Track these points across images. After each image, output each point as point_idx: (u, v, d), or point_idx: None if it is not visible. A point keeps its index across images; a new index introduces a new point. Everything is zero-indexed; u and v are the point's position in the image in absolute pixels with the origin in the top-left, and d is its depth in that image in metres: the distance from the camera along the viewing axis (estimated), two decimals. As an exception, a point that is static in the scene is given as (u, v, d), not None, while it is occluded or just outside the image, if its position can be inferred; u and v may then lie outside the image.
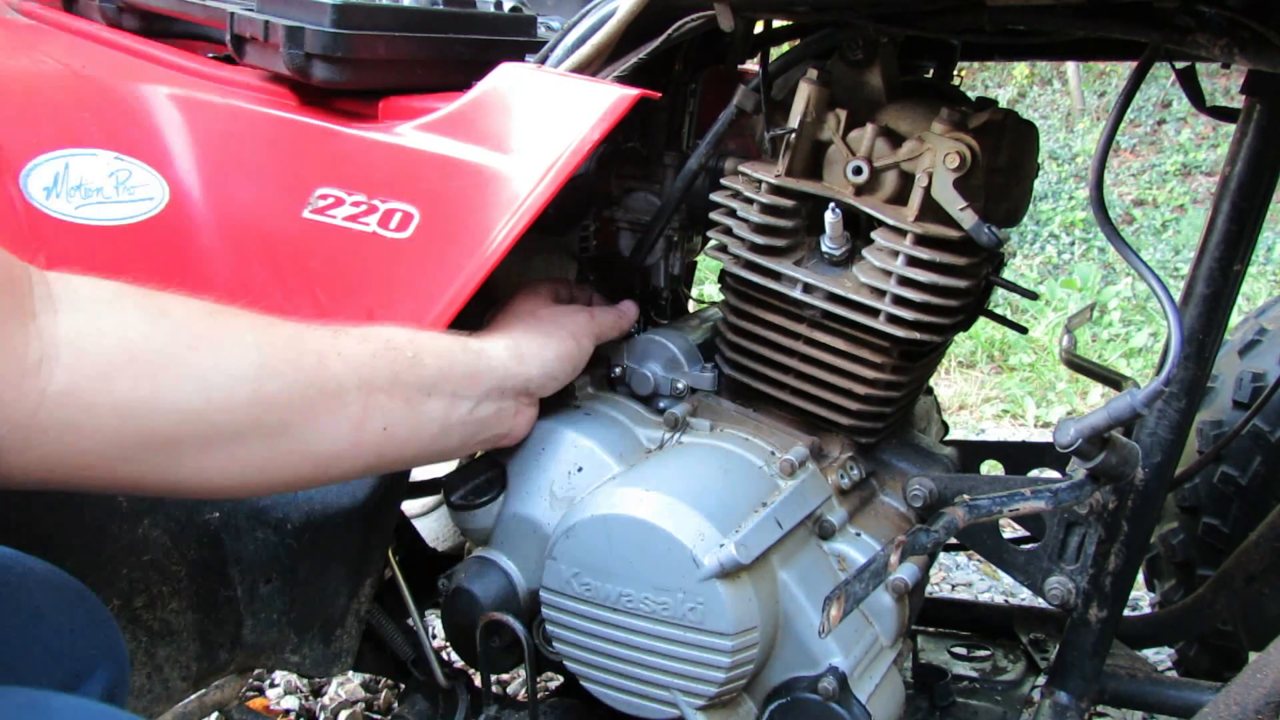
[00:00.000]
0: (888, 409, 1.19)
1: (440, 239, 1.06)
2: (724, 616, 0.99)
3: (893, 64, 1.15)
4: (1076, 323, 1.42)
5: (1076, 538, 1.21)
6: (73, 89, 1.09)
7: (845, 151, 1.11)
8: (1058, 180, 6.07)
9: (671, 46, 1.17)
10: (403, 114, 1.13)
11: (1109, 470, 1.05)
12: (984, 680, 1.42)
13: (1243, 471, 1.66)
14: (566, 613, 1.06)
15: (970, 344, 4.15)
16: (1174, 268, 5.06)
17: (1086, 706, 1.27)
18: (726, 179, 1.17)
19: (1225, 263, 1.15)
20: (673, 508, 1.01)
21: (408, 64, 1.16)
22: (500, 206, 1.04)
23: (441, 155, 1.08)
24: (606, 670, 1.06)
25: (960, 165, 1.04)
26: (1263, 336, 1.73)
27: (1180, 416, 1.20)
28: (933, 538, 1.01)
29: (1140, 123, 6.66)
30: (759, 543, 1.02)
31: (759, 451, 1.13)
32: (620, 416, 1.18)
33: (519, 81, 1.09)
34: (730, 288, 1.19)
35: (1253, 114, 1.13)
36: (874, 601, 1.10)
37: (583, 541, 1.03)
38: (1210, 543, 1.71)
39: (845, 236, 1.11)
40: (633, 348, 1.23)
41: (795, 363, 1.17)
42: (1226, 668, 1.72)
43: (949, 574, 2.56)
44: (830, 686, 1.03)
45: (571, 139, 1.03)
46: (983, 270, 1.15)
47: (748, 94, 1.16)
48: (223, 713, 1.29)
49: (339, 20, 1.08)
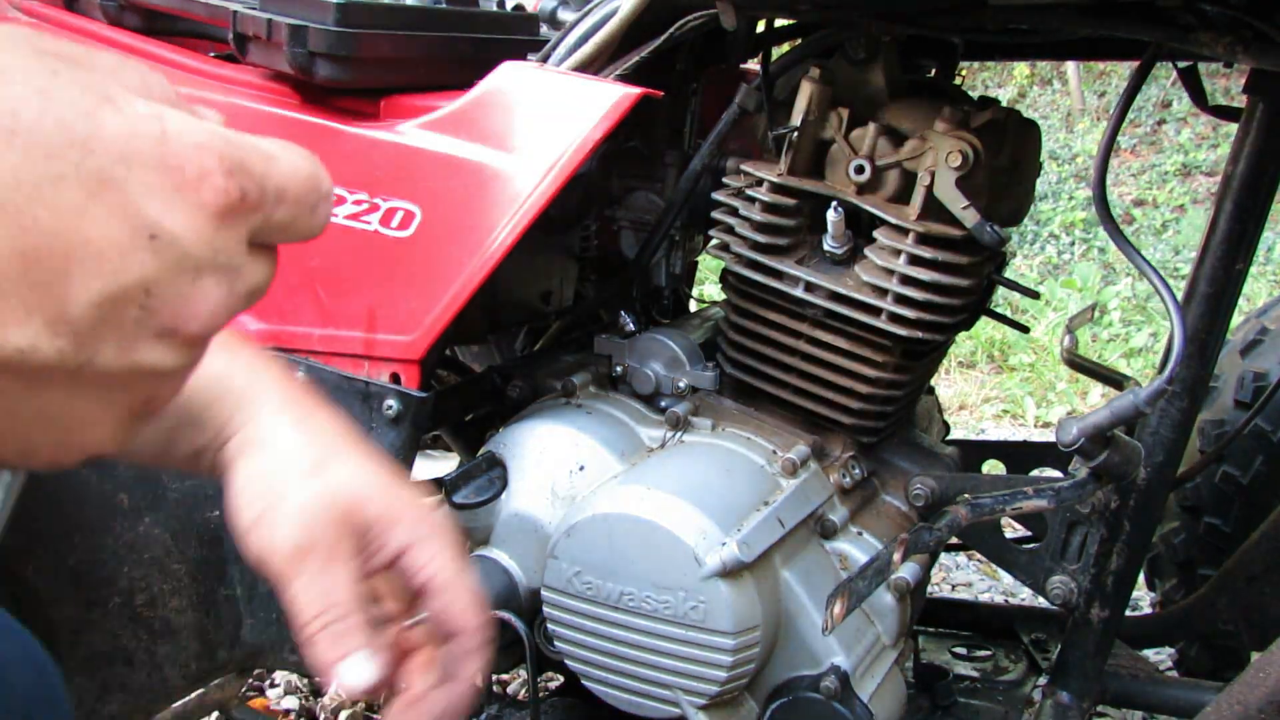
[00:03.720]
0: (889, 408, 1.19)
1: (442, 238, 1.06)
2: (726, 615, 0.99)
3: (895, 63, 1.15)
4: (1078, 323, 1.42)
5: (1078, 537, 1.21)
6: (74, 87, 1.09)
7: (847, 150, 1.11)
8: (1058, 180, 6.07)
9: (673, 45, 1.17)
10: (405, 112, 1.13)
11: (1111, 469, 1.05)
12: (985, 680, 1.42)
13: (1244, 471, 1.66)
14: (568, 612, 1.06)
15: (970, 344, 4.14)
16: (1174, 268, 5.06)
17: (1088, 706, 1.27)
18: (728, 178, 1.17)
19: (1227, 262, 1.15)
20: (675, 506, 1.00)
21: (410, 62, 1.15)
22: (502, 205, 1.04)
23: (443, 154, 1.08)
24: (608, 669, 1.06)
25: (963, 164, 1.04)
26: (1265, 336, 1.73)
27: (1182, 416, 1.20)
28: (935, 536, 1.01)
29: (1140, 123, 6.66)
30: (761, 541, 1.01)
31: (761, 450, 1.13)
32: (622, 415, 1.18)
33: (521, 80, 1.09)
34: (732, 287, 1.19)
35: (1255, 113, 1.13)
36: (876, 601, 1.10)
37: (584, 540, 1.03)
38: (1212, 542, 1.71)
39: (847, 235, 1.11)
40: (634, 347, 1.23)
41: (797, 362, 1.16)
42: (1228, 668, 1.72)
43: (949, 574, 2.56)
44: (832, 685, 1.02)
45: (573, 138, 1.03)
46: (985, 269, 1.14)
47: (750, 93, 1.16)
48: (223, 712, 1.29)
49: (342, 19, 1.08)
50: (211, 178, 0.38)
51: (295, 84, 1.15)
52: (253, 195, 0.40)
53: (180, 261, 0.38)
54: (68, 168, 0.36)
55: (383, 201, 1.08)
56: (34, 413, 0.39)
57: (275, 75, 1.16)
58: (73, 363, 0.37)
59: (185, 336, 0.40)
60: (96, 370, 0.38)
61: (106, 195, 0.37)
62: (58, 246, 0.36)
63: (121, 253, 0.37)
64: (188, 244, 0.38)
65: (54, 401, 0.39)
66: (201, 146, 0.38)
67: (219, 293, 0.40)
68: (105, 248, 0.37)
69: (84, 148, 0.36)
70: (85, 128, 0.36)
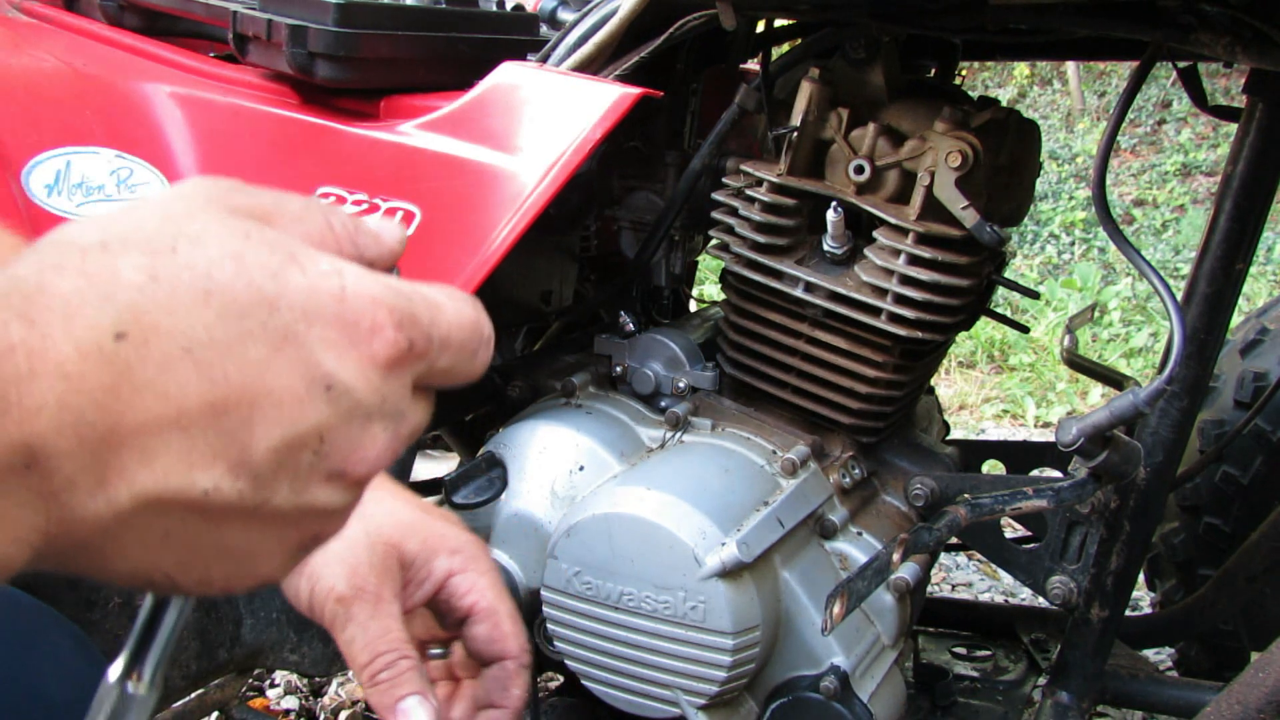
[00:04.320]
0: (889, 408, 1.19)
1: (442, 238, 1.06)
2: (725, 615, 0.99)
3: (894, 63, 1.15)
4: (1078, 323, 1.42)
5: (1078, 537, 1.21)
6: (74, 87, 1.09)
7: (847, 150, 1.11)
8: (1058, 180, 6.07)
9: (673, 45, 1.17)
10: (404, 113, 1.13)
11: (1111, 469, 1.05)
12: (985, 680, 1.42)
13: (1244, 471, 1.66)
14: (567, 612, 1.06)
15: (970, 344, 4.14)
16: (1174, 268, 5.06)
17: (1088, 706, 1.27)
18: (728, 178, 1.17)
19: (1227, 262, 1.15)
20: (674, 506, 1.00)
21: (410, 63, 1.16)
22: (502, 205, 1.04)
23: (443, 154, 1.08)
24: (608, 669, 1.06)
25: (962, 164, 1.04)
26: (1264, 336, 1.73)
27: (1182, 416, 1.20)
28: (935, 536, 1.01)
29: (1140, 123, 6.66)
30: (760, 541, 1.01)
31: (760, 450, 1.13)
32: (622, 415, 1.18)
33: (521, 80, 1.09)
34: (732, 287, 1.19)
35: (1255, 113, 1.12)
36: (875, 601, 1.10)
37: (584, 540, 1.03)
38: (1211, 542, 1.71)
39: (847, 235, 1.11)
40: (634, 347, 1.22)
41: (797, 362, 1.16)
42: (1228, 668, 1.72)
43: (949, 574, 2.56)
44: (832, 685, 1.02)
45: (573, 138, 1.03)
46: (984, 269, 1.14)
47: (750, 93, 1.16)
48: (223, 712, 1.29)
49: (342, 19, 1.08)
50: (384, 331, 0.41)
51: (295, 84, 1.15)
52: (420, 345, 0.42)
53: (352, 410, 0.41)
54: (256, 325, 0.39)
55: (383, 201, 1.08)
56: (214, 547, 0.41)
57: (275, 75, 1.16)
58: (251, 503, 0.40)
59: (353, 478, 0.43)
60: (272, 510, 0.41)
61: (289, 349, 0.40)
62: (244, 397, 0.39)
63: (300, 402, 0.40)
64: (360, 394, 0.41)
65: (232, 537, 0.41)
66: (375, 300, 0.41)
67: (385, 437, 0.43)
68: (286, 398, 0.40)
69: (271, 306, 0.39)
70: (273, 288, 0.39)
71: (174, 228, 0.39)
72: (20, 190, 1.00)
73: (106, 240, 0.39)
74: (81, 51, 1.18)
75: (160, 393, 0.38)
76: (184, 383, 0.38)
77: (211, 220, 0.40)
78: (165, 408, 0.38)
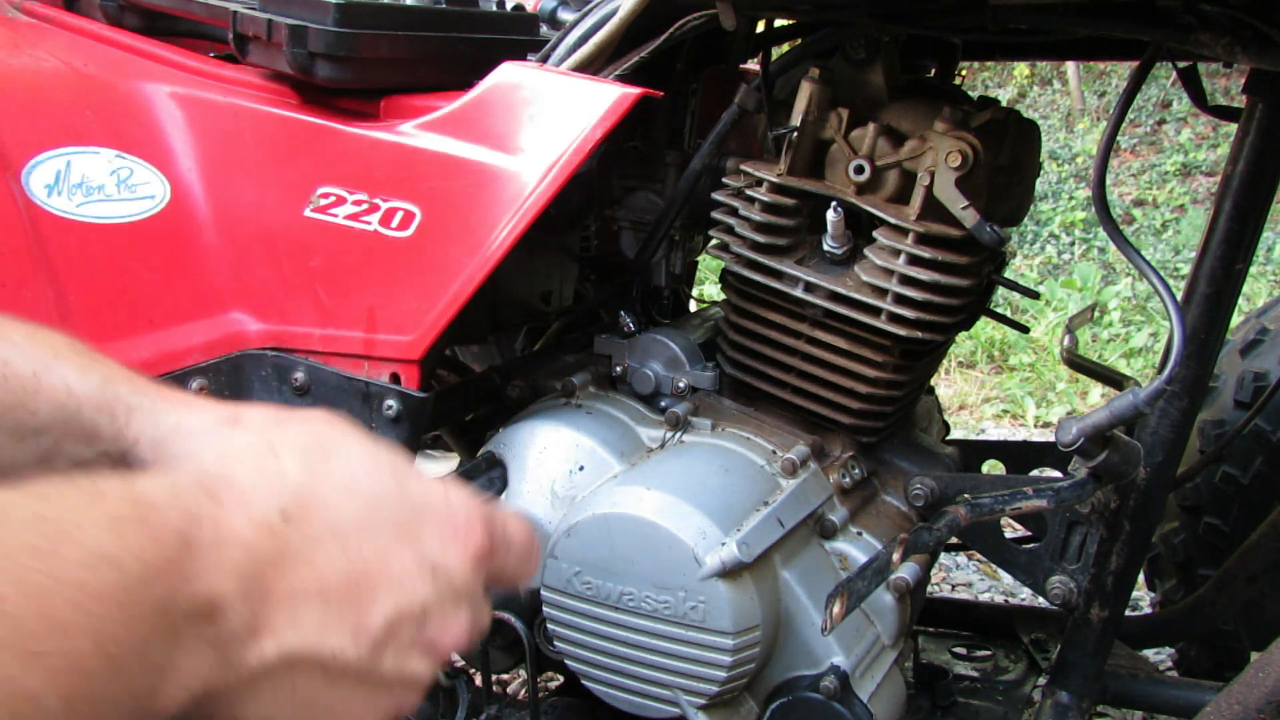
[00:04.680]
0: (889, 408, 1.19)
1: (442, 238, 1.06)
2: (725, 615, 0.99)
3: (894, 63, 1.15)
4: (1078, 323, 1.42)
5: (1078, 537, 1.21)
6: (74, 87, 1.09)
7: (847, 150, 1.11)
8: (1058, 180, 6.07)
9: (673, 45, 1.17)
10: (404, 113, 1.13)
11: (1111, 469, 1.05)
12: (985, 680, 1.42)
13: (1244, 471, 1.66)
14: (567, 611, 1.06)
15: (970, 344, 4.14)
16: (1174, 268, 5.05)
17: (1088, 706, 1.27)
18: (728, 178, 1.17)
19: (1227, 262, 1.15)
20: (674, 506, 1.00)
21: (410, 63, 1.16)
22: (502, 205, 1.04)
23: (443, 154, 1.08)
24: (608, 669, 1.06)
25: (962, 164, 1.04)
26: (1264, 336, 1.73)
27: (1182, 416, 1.20)
28: (935, 536, 1.01)
29: (1140, 123, 6.66)
30: (760, 541, 1.01)
31: (760, 450, 1.13)
32: (622, 415, 1.18)
33: (521, 80, 1.09)
34: (732, 287, 1.19)
35: (1255, 113, 1.12)
36: (875, 601, 1.10)
37: (584, 540, 1.03)
38: (1211, 542, 1.71)
39: (847, 235, 1.11)
40: (634, 347, 1.22)
41: (797, 362, 1.16)
42: (1228, 667, 1.72)
43: (949, 574, 2.56)
44: (832, 685, 1.02)
45: (573, 138, 1.03)
46: (984, 269, 1.14)
47: (750, 93, 1.16)
48: (224, 712, 1.29)
49: (342, 19, 1.08)
50: (476, 530, 0.55)
51: (295, 84, 1.15)
52: (499, 545, 0.57)
53: (448, 591, 0.53)
54: (386, 517, 0.52)
55: (383, 202, 1.08)
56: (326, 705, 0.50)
57: (275, 75, 1.16)
58: (365, 666, 0.50)
59: (439, 653, 0.53)
60: (378, 674, 0.51)
61: (408, 537, 0.52)
62: (370, 573, 0.50)
63: (412, 580, 0.51)
64: (456, 578, 0.54)
65: (341, 697, 0.50)
66: (469, 506, 0.56)
67: (467, 620, 0.54)
68: (401, 576, 0.51)
69: (397, 504, 0.53)
70: (398, 490, 0.53)
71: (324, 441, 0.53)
72: (20, 190, 1.00)
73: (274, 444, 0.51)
74: (81, 51, 1.18)
75: (310, 565, 0.48)
76: (330, 558, 0.49)
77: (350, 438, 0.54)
78: (313, 578, 0.48)
